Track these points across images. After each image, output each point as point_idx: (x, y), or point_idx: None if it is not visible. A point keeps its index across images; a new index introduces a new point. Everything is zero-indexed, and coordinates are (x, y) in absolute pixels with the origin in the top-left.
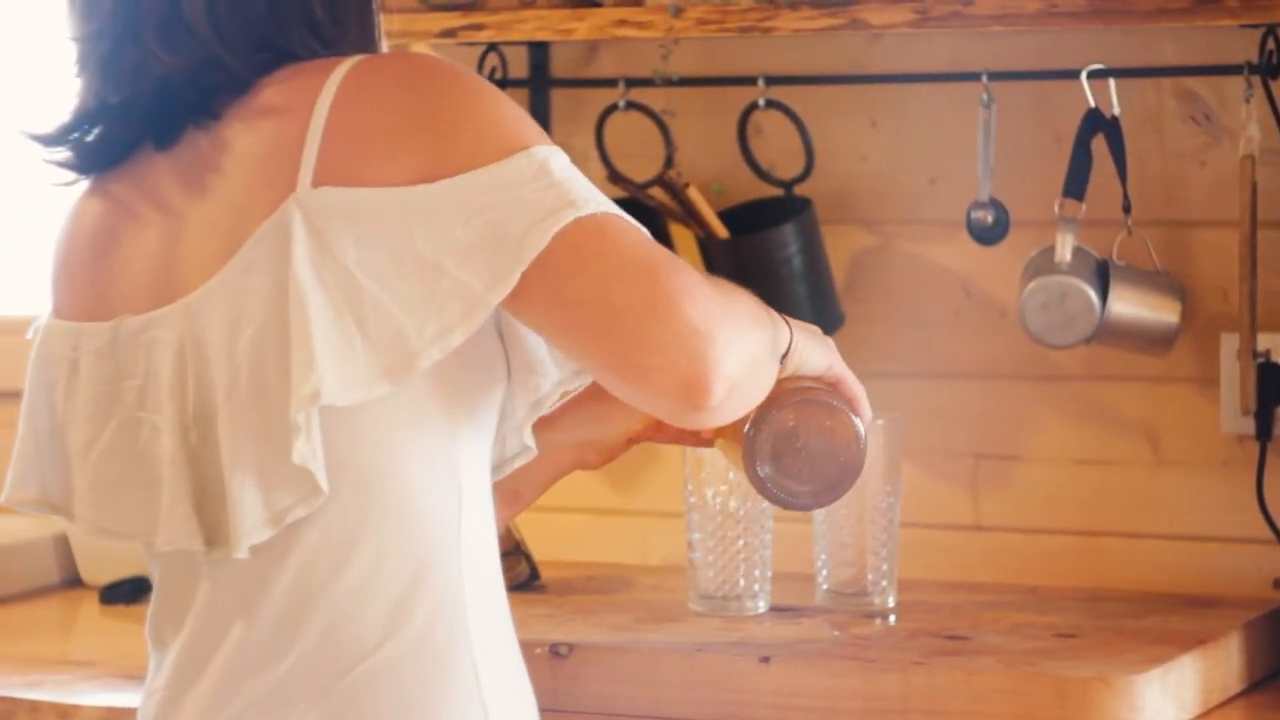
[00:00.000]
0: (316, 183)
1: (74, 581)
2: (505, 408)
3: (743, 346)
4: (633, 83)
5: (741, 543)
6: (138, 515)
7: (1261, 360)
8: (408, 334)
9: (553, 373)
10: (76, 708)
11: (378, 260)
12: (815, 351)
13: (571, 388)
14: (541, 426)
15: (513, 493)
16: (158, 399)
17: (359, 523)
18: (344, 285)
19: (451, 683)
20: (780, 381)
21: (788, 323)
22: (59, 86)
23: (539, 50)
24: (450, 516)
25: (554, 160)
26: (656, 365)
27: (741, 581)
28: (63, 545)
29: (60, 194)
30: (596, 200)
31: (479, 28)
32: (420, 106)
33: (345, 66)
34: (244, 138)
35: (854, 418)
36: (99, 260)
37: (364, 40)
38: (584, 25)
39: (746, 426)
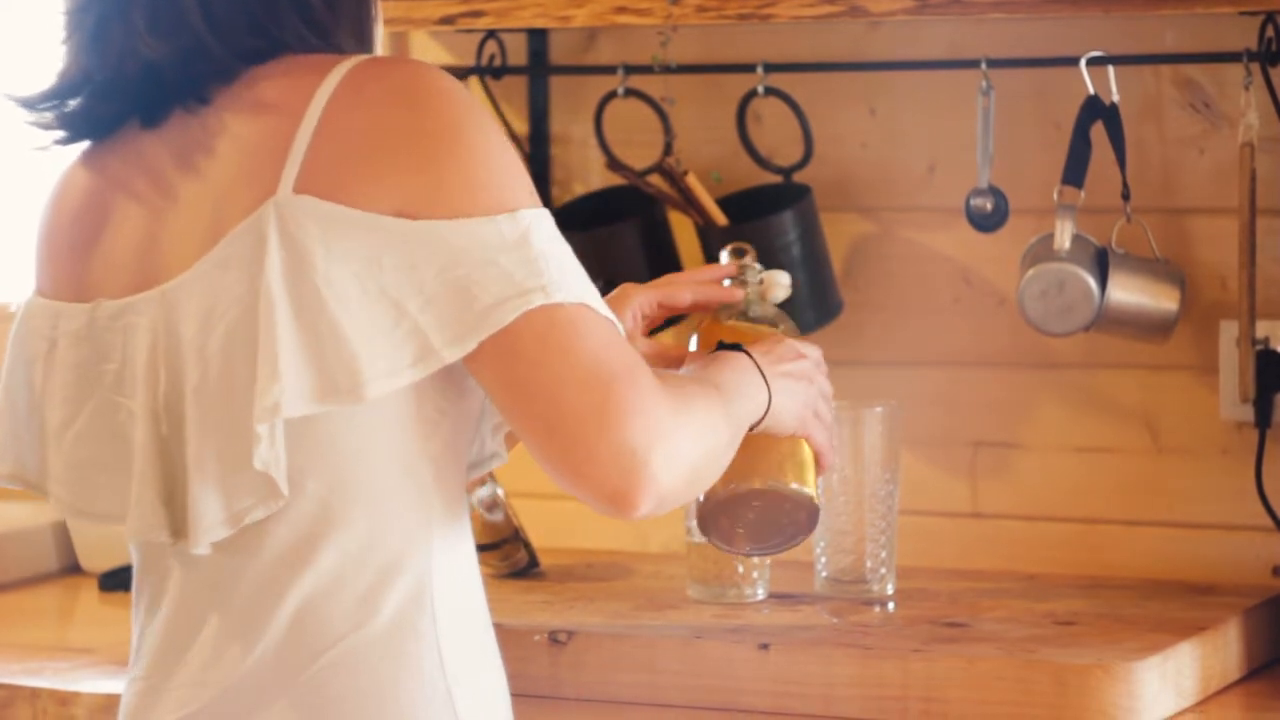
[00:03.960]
0: (298, 189)
1: (73, 569)
2: (487, 407)
3: (684, 459)
4: (632, 70)
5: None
6: (114, 497)
7: (1260, 347)
8: (359, 363)
9: None
10: (76, 694)
11: (343, 280)
12: (788, 413)
13: None
14: None
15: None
16: (133, 384)
17: (327, 519)
18: (310, 300)
19: (416, 676)
20: (747, 439)
21: (769, 386)
22: (46, 53)
23: (538, 37)
24: (420, 514)
25: (537, 230)
26: (589, 475)
27: (741, 568)
28: (62, 532)
29: (45, 176)
30: (568, 286)
31: (478, 14)
32: (414, 128)
33: (343, 68)
34: (236, 129)
35: (802, 493)
36: (82, 240)
37: (360, 32)
38: (583, 12)
39: (699, 495)
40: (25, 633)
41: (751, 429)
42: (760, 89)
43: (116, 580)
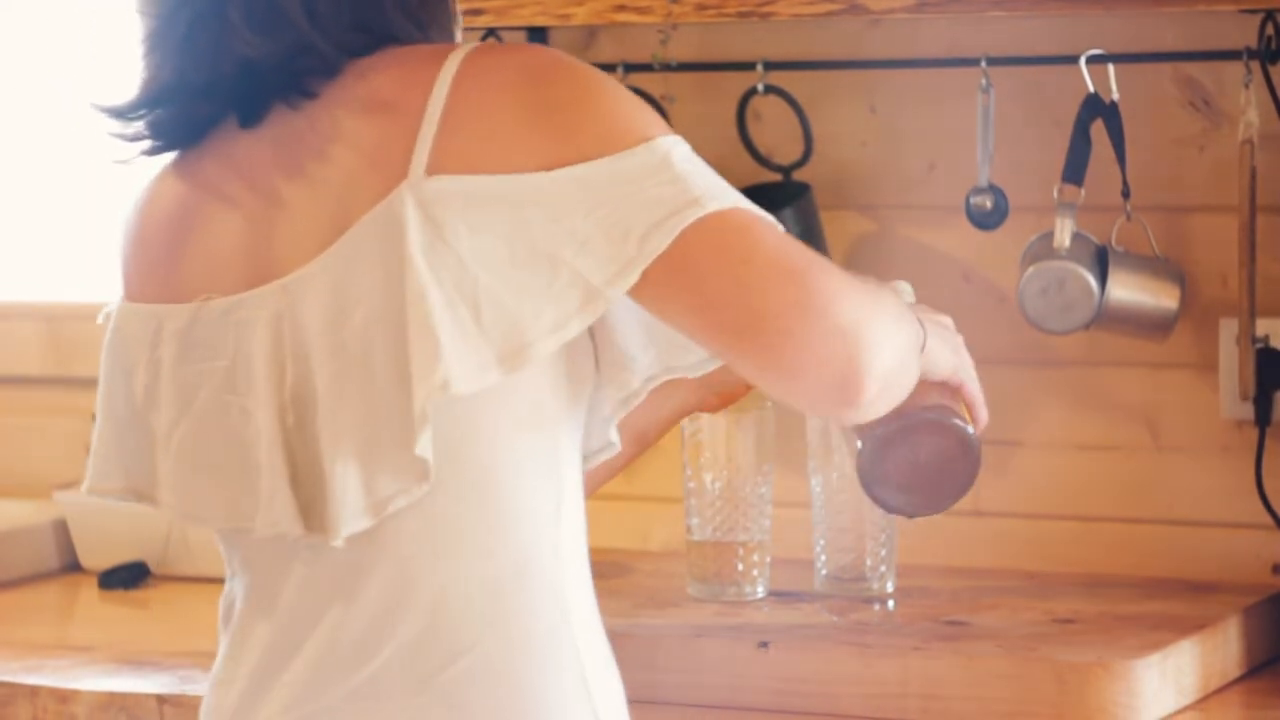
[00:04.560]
0: (431, 171)
1: (73, 567)
2: (591, 400)
3: (892, 344)
4: (631, 68)
5: (740, 528)
6: (225, 499)
7: (1260, 345)
8: (523, 323)
9: (643, 368)
10: (76, 692)
11: (492, 248)
12: (943, 354)
13: (658, 381)
14: None
15: (639, 433)
16: (249, 380)
17: (461, 512)
18: (457, 274)
19: (555, 675)
20: None
21: (922, 322)
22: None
23: (538, 35)
24: (551, 506)
25: (675, 151)
26: (809, 367)
27: (741, 567)
28: (62, 531)
29: (77, 178)
30: (721, 195)
31: (478, 13)
32: (539, 96)
33: (459, 55)
34: (350, 123)
35: (968, 432)
36: (178, 241)
37: (445, 27)
38: (583, 10)
39: (858, 440)
40: (25, 630)
41: None
42: (760, 87)
43: (116, 578)
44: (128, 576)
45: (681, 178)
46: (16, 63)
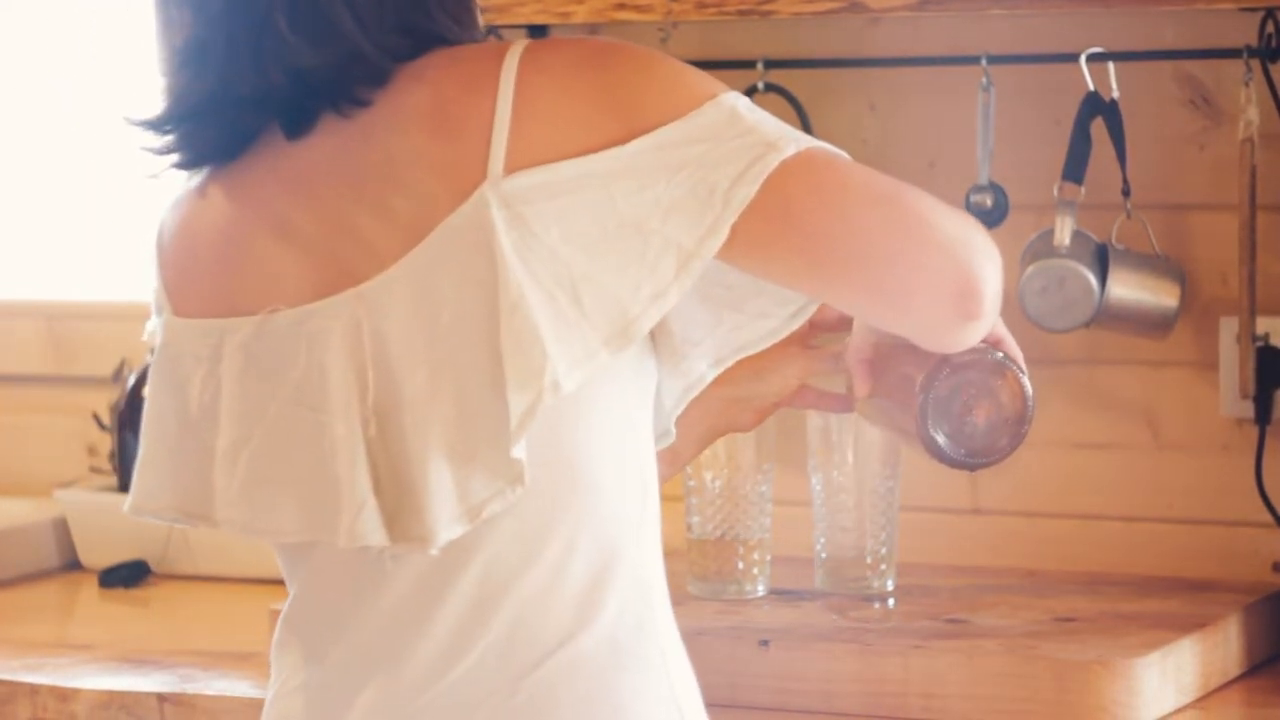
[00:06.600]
0: (509, 169)
1: (73, 565)
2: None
3: (994, 258)
4: None
5: (741, 526)
6: (300, 513)
7: (1260, 344)
8: (623, 299)
9: (709, 350)
10: (76, 691)
11: (581, 231)
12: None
13: (727, 364)
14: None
15: (673, 453)
16: (323, 391)
17: (552, 512)
18: (551, 265)
19: (642, 671)
20: None
21: None
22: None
23: (538, 33)
24: (636, 501)
25: (739, 104)
26: (924, 282)
27: (741, 565)
28: (62, 529)
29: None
30: (795, 137)
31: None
32: (602, 79)
33: (516, 54)
34: (413, 134)
35: (1023, 377)
36: (232, 256)
37: (477, 20)
38: (583, 8)
39: (917, 388)
40: (25, 629)
41: None
42: (760, 85)
43: (117, 577)
44: (128, 575)
45: (754, 128)
46: (17, 62)
